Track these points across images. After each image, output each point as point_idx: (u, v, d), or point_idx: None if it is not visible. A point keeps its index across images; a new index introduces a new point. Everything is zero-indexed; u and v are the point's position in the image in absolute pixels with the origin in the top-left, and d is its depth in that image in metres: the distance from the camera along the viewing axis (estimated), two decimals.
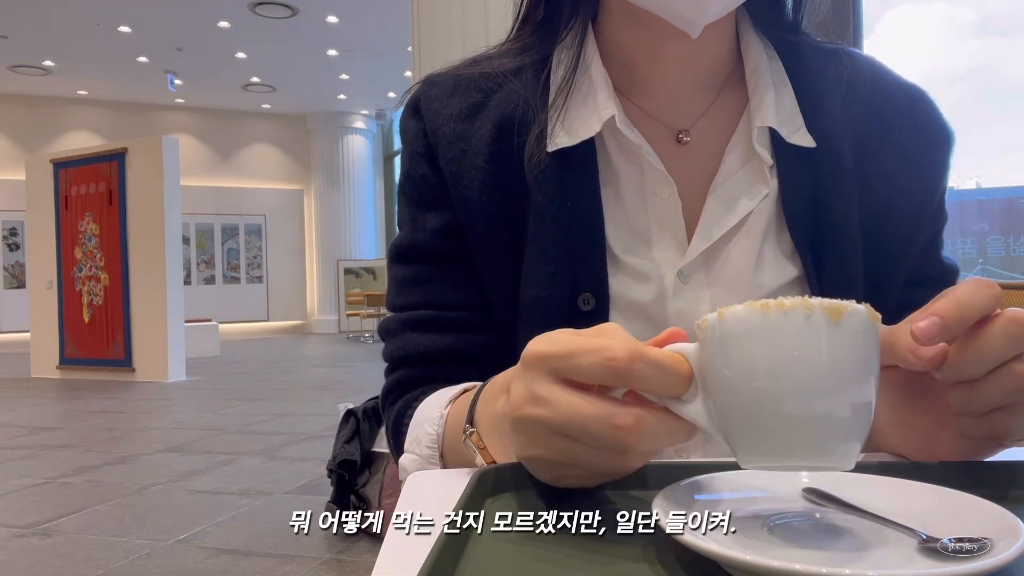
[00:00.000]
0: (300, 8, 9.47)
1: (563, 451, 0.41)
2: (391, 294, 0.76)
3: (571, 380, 0.40)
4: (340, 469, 2.80)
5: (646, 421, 0.39)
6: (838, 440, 0.36)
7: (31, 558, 2.70)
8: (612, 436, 0.39)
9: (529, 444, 0.42)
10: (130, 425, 5.32)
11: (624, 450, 0.40)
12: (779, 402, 0.36)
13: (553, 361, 0.41)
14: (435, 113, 0.71)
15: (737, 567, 0.33)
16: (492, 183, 0.68)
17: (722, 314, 0.37)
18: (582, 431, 0.39)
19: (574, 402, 0.40)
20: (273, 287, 14.61)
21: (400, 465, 0.66)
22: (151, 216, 7.68)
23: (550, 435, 0.41)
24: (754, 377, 0.36)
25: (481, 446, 0.52)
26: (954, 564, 0.33)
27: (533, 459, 0.43)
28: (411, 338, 0.71)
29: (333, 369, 8.70)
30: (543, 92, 0.69)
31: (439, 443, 0.62)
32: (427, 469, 0.62)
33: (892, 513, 0.40)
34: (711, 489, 0.44)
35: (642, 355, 0.38)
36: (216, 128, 14.30)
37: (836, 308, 0.35)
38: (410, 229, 0.74)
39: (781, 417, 0.36)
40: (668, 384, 0.39)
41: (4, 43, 10.37)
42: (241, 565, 2.56)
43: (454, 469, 0.59)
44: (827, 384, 0.36)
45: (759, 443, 0.37)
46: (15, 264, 12.64)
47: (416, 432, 0.65)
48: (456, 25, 2.97)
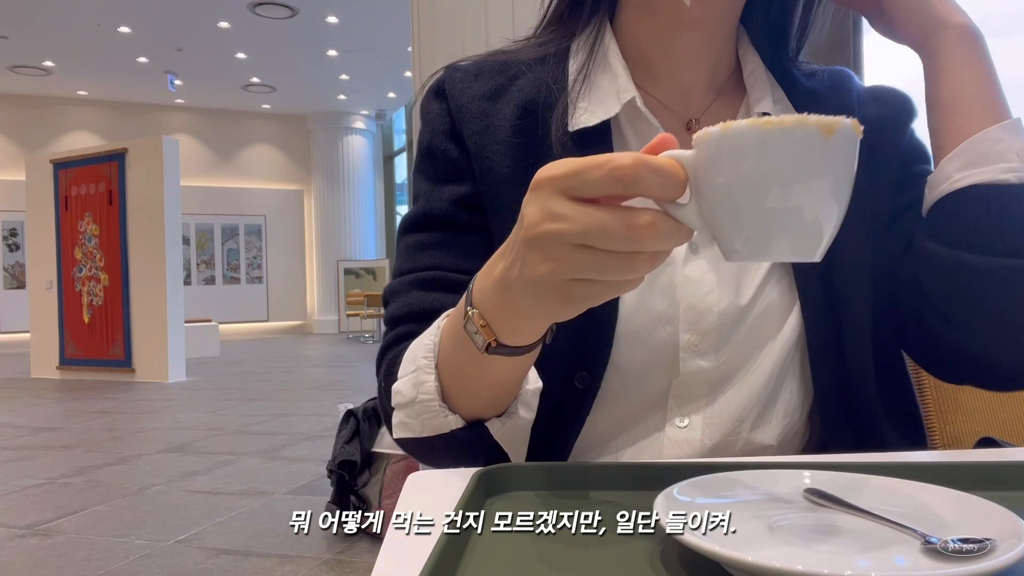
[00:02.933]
0: (300, 8, 9.46)
1: (578, 263, 0.43)
2: (400, 261, 0.75)
3: (581, 197, 0.43)
4: (340, 469, 2.79)
5: (660, 219, 0.42)
6: (814, 237, 0.41)
7: (31, 558, 2.70)
8: (631, 235, 0.42)
9: (544, 260, 0.44)
10: (130, 425, 5.32)
11: (639, 250, 0.43)
12: (768, 202, 0.40)
13: (562, 181, 0.43)
14: (459, 92, 0.74)
15: (738, 567, 0.33)
16: (515, 156, 0.71)
17: (727, 127, 0.40)
18: (602, 235, 0.42)
19: (590, 211, 0.42)
20: (273, 287, 14.60)
21: (394, 391, 0.64)
22: (151, 216, 7.67)
23: (568, 248, 0.43)
24: (751, 181, 0.40)
25: (482, 323, 0.53)
26: (956, 565, 0.33)
27: (547, 277, 0.45)
28: (418, 296, 0.71)
29: (333, 369, 8.70)
30: (563, 78, 0.74)
31: (435, 352, 0.61)
32: (422, 388, 0.61)
33: (893, 514, 0.40)
34: (712, 489, 0.44)
35: (645, 161, 0.41)
36: (216, 128, 14.30)
37: (828, 125, 0.39)
38: (425, 201, 0.75)
39: (767, 215, 0.40)
40: (669, 187, 0.42)
41: (4, 43, 10.37)
42: (241, 565, 2.56)
43: (452, 470, 0.59)
44: (812, 188, 0.40)
45: (747, 239, 0.42)
46: (15, 264, 12.64)
47: (412, 354, 0.64)
48: (456, 25, 2.97)
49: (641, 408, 0.70)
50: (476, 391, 0.61)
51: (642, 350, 0.68)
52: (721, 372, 0.68)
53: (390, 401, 0.66)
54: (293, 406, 5.97)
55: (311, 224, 14.75)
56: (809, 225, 0.41)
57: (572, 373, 0.68)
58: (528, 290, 0.47)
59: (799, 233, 0.41)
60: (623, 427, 0.70)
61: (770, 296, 0.69)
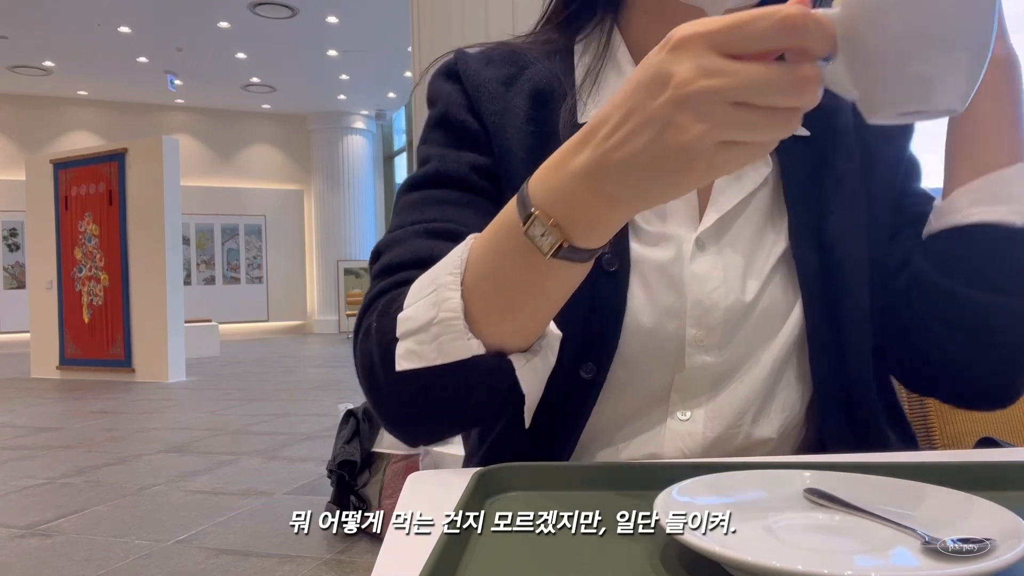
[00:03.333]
0: (300, 8, 9.46)
1: (734, 121, 0.42)
2: (401, 217, 0.69)
3: (736, 53, 0.42)
4: (340, 469, 2.79)
5: (817, 71, 0.42)
6: (959, 85, 0.42)
7: (31, 558, 2.70)
8: (798, 88, 0.41)
9: (698, 120, 0.42)
10: (130, 425, 5.32)
11: (798, 105, 0.42)
12: (916, 49, 0.41)
13: (717, 36, 0.42)
14: (475, 73, 0.73)
15: (738, 567, 0.33)
16: (531, 144, 0.70)
17: None
18: (767, 89, 0.41)
19: (753, 66, 0.41)
20: (273, 287, 14.60)
21: (401, 319, 0.58)
22: (151, 216, 7.67)
23: (725, 107, 0.42)
24: (900, 29, 0.41)
25: (552, 223, 0.50)
26: (957, 565, 0.33)
27: (698, 139, 0.42)
28: (426, 243, 0.66)
29: (333, 369, 8.70)
30: (570, 75, 0.73)
31: (463, 269, 0.56)
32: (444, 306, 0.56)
33: (893, 514, 0.40)
34: (711, 489, 0.44)
35: (810, 13, 0.41)
36: (216, 128, 14.30)
37: None
38: (439, 162, 0.71)
39: (917, 63, 0.41)
40: (827, 41, 0.42)
41: (4, 43, 10.37)
42: (241, 565, 2.56)
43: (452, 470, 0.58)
44: (964, 21, 0.41)
45: (895, 92, 0.43)
46: (15, 264, 12.64)
47: (426, 279, 0.58)
48: (456, 25, 2.97)
49: (644, 401, 0.70)
50: (512, 312, 0.56)
51: (649, 343, 0.68)
52: (724, 367, 0.69)
53: (385, 335, 0.59)
54: (293, 406, 5.97)
55: (311, 224, 14.75)
56: (962, 65, 0.42)
57: (579, 364, 0.68)
58: (658, 163, 0.44)
59: (951, 75, 0.42)
60: (626, 420, 0.71)
61: (774, 293, 0.69)
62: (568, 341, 0.63)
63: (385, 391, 0.61)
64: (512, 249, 0.53)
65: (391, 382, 0.59)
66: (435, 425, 0.65)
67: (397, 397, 0.61)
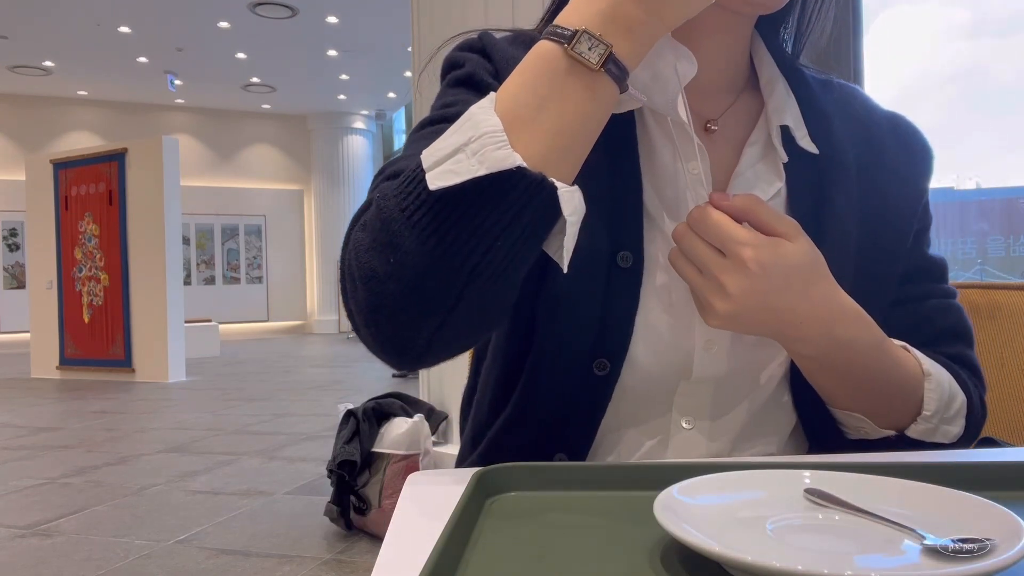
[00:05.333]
0: (300, 8, 9.46)
1: None
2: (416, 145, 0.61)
3: None
4: (340, 469, 2.79)
5: None
6: None
7: (31, 558, 2.69)
8: None
9: None
10: (130, 425, 5.32)
11: None
12: None
13: None
14: (503, 49, 0.73)
15: (738, 567, 0.33)
16: None
17: None
18: None
19: None
20: (273, 287, 14.59)
21: (426, 154, 0.53)
22: (151, 216, 7.67)
23: None
24: None
25: (600, 35, 0.53)
26: (956, 565, 0.33)
27: None
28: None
29: (333, 369, 8.70)
30: None
31: (494, 101, 0.55)
32: (481, 126, 0.52)
33: (893, 514, 0.40)
34: (712, 489, 0.44)
35: None
36: (216, 128, 14.29)
37: None
38: (463, 105, 0.61)
39: None
40: None
41: (4, 43, 10.37)
42: (241, 565, 2.56)
43: (452, 469, 0.58)
44: None
45: None
46: (15, 264, 12.63)
47: (454, 123, 0.55)
48: (456, 26, 2.97)
49: (649, 408, 0.71)
50: (550, 140, 0.54)
51: (659, 345, 0.69)
52: (728, 379, 0.70)
53: (404, 181, 0.54)
54: (293, 406, 5.97)
55: (311, 224, 14.74)
56: None
57: (591, 362, 0.68)
58: None
59: None
60: (630, 425, 0.71)
61: None
62: (582, 335, 0.65)
63: (406, 240, 0.52)
64: (549, 73, 0.54)
65: (413, 226, 0.52)
66: (460, 252, 0.52)
67: (420, 243, 0.52)
